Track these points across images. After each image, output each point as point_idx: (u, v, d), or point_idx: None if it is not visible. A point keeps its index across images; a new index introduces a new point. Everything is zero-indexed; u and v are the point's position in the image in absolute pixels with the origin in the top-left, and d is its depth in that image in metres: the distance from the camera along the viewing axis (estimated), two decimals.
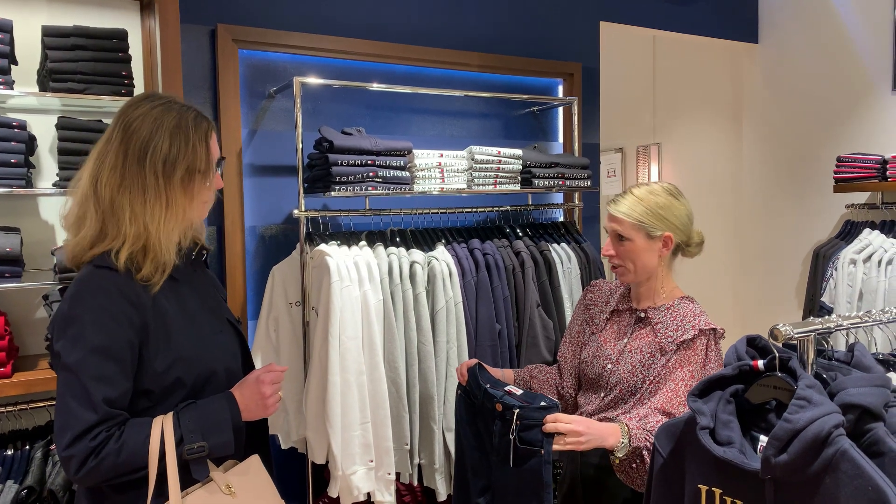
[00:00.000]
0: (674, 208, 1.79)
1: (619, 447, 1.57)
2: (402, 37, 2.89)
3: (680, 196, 1.82)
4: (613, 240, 1.82)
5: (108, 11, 2.29)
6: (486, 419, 1.72)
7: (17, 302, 2.18)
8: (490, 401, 1.70)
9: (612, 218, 1.81)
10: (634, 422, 1.63)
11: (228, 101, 2.54)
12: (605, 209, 1.86)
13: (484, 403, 1.73)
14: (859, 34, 3.49)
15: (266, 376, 1.44)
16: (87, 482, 1.28)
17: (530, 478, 1.59)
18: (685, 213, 1.81)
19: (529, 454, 1.60)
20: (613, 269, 1.84)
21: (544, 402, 1.61)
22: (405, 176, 2.52)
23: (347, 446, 2.15)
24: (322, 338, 2.17)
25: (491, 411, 1.69)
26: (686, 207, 1.82)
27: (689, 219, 1.82)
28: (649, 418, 1.63)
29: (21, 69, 2.09)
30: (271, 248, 2.67)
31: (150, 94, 1.44)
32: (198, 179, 1.40)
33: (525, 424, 1.60)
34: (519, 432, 1.60)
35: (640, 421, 1.63)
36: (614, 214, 1.80)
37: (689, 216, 1.82)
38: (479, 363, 1.84)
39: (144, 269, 1.34)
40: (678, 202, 1.80)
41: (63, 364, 1.27)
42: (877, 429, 1.08)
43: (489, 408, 1.70)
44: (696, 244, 1.84)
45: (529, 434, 1.59)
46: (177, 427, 1.31)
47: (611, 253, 1.82)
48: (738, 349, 1.27)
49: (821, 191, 3.67)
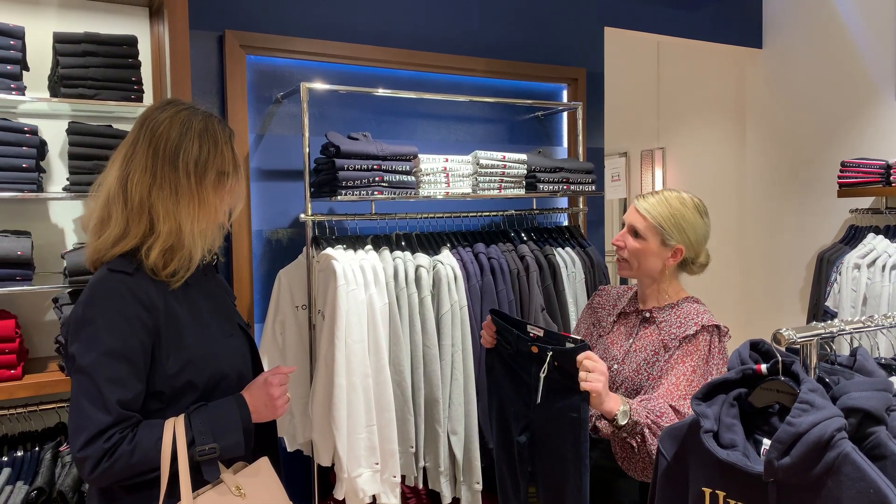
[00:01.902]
0: (696, 225, 1.81)
1: (620, 413, 1.58)
2: (407, 42, 2.92)
3: (705, 215, 1.85)
4: (629, 232, 1.84)
5: (117, 18, 2.32)
6: (524, 362, 1.74)
7: (28, 305, 2.20)
8: (524, 345, 1.71)
9: (635, 212, 1.83)
10: (635, 401, 1.65)
11: (236, 106, 2.56)
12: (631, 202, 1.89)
13: (519, 347, 1.74)
14: (863, 39, 3.51)
15: (274, 378, 1.46)
16: (100, 483, 1.30)
17: (568, 414, 1.62)
18: (704, 232, 1.83)
19: (567, 391, 1.61)
20: (618, 261, 1.86)
21: (570, 343, 1.63)
22: (411, 180, 2.54)
23: (353, 449, 2.17)
24: (328, 341, 2.19)
25: (527, 354, 1.71)
26: (706, 228, 1.84)
27: (705, 239, 1.85)
28: (651, 401, 1.65)
29: (32, 75, 2.11)
30: (278, 252, 2.69)
31: (172, 100, 1.48)
32: (226, 180, 1.45)
33: (561, 364, 1.62)
34: (555, 371, 1.63)
35: (640, 402, 1.65)
36: (639, 210, 1.82)
37: (705, 236, 1.85)
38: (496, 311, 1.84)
39: (172, 265, 1.37)
40: (701, 221, 1.83)
41: (77, 366, 1.29)
42: (879, 432, 1.09)
43: (525, 351, 1.72)
44: (701, 264, 1.87)
45: (566, 372, 1.61)
46: (188, 429, 1.33)
47: (621, 244, 1.84)
48: (741, 353, 1.29)
49: (825, 195, 3.68)
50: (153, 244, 1.36)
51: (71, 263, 1.99)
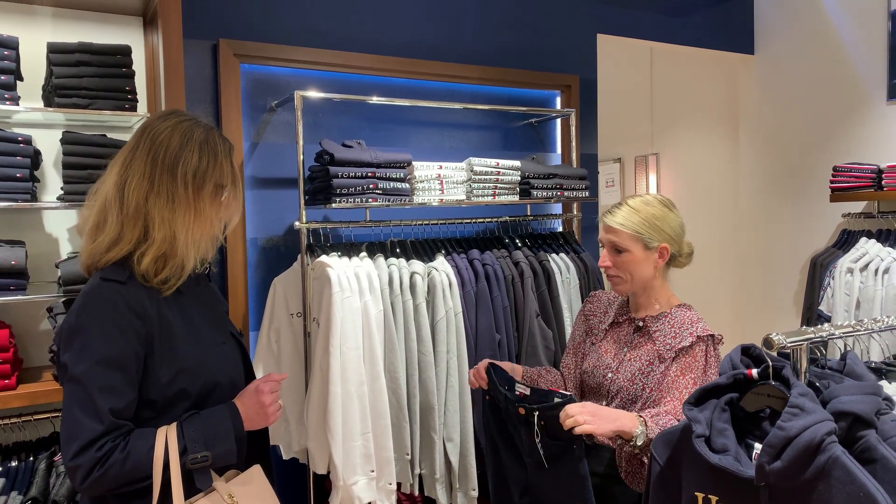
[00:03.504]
0: (669, 219, 1.82)
1: (638, 434, 1.55)
2: (401, 50, 2.93)
3: (673, 208, 1.86)
4: (610, 251, 1.83)
5: (111, 27, 2.33)
6: (515, 423, 1.73)
7: (22, 314, 2.20)
8: (512, 406, 1.71)
9: (609, 229, 1.83)
10: (648, 416, 1.63)
11: (230, 115, 2.57)
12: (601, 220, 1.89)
13: (508, 408, 1.74)
14: (854, 45, 3.53)
15: (265, 385, 1.46)
16: (92, 492, 1.30)
17: (568, 475, 1.61)
18: (679, 224, 1.85)
19: (561, 452, 1.61)
20: (609, 279, 1.86)
21: (558, 399, 1.61)
22: (405, 188, 2.54)
23: (348, 456, 2.17)
24: (323, 348, 2.19)
25: (515, 415, 1.70)
26: (679, 219, 1.86)
27: (682, 230, 1.86)
28: (661, 417, 1.63)
29: (26, 85, 2.12)
30: (273, 260, 2.70)
31: (175, 110, 1.49)
32: (223, 193, 1.46)
33: (548, 424, 1.61)
34: (545, 433, 1.62)
35: (653, 418, 1.63)
36: (611, 225, 1.82)
37: (681, 227, 1.86)
38: (491, 363, 1.83)
39: (163, 272, 1.38)
40: (672, 213, 1.84)
41: (70, 375, 1.29)
42: (868, 436, 1.10)
43: (514, 412, 1.71)
44: (686, 255, 1.88)
45: (554, 431, 1.60)
46: (180, 437, 1.33)
47: (607, 264, 1.84)
48: (732, 358, 1.30)
49: (817, 200, 3.70)
50: (146, 250, 1.36)
51: (65, 273, 1.99)
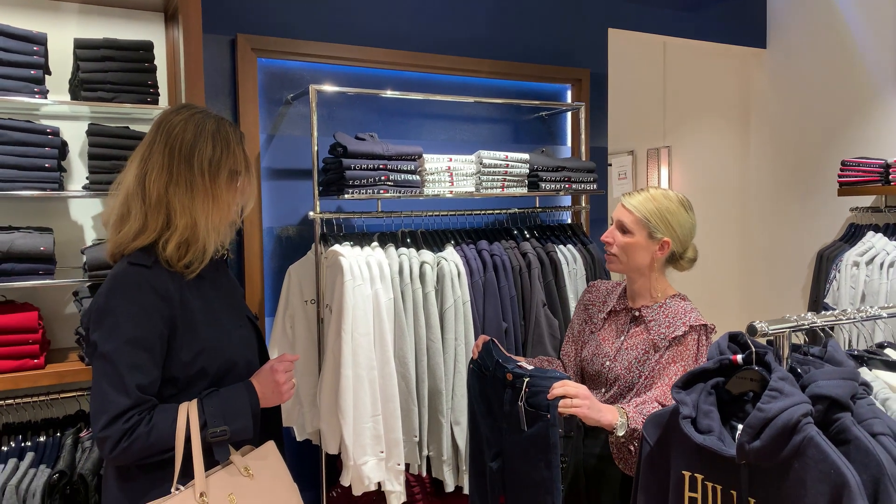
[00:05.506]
0: (681, 217, 1.87)
1: (619, 425, 1.64)
2: (414, 45, 2.99)
3: (690, 210, 1.90)
4: (617, 228, 1.90)
5: (134, 23, 2.42)
6: (497, 388, 1.81)
7: (49, 298, 2.30)
8: (501, 371, 1.79)
9: (622, 208, 1.90)
10: (632, 407, 1.71)
11: (247, 108, 2.66)
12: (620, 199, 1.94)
13: (495, 374, 1.81)
14: (865, 40, 3.54)
15: (279, 365, 1.56)
16: (119, 461, 1.39)
17: (539, 440, 1.68)
18: (690, 225, 1.89)
19: (537, 418, 1.68)
20: (607, 255, 1.93)
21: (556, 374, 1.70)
22: (416, 179, 2.61)
23: (359, 437, 2.25)
24: (335, 334, 2.27)
25: (501, 381, 1.78)
26: (692, 221, 1.90)
27: (691, 233, 1.90)
28: (646, 404, 1.71)
29: (54, 79, 2.21)
30: (288, 249, 2.78)
31: (187, 104, 1.58)
32: (238, 179, 1.55)
33: (533, 391, 1.69)
34: (528, 399, 1.70)
35: (636, 407, 1.71)
36: (626, 206, 1.88)
37: (691, 230, 1.90)
38: (493, 339, 1.91)
39: (187, 257, 1.47)
40: (686, 214, 1.88)
41: (99, 353, 1.38)
42: (843, 418, 1.16)
43: (500, 378, 1.79)
44: (689, 259, 1.92)
45: (537, 399, 1.68)
46: (201, 412, 1.42)
47: (609, 240, 1.91)
48: (720, 344, 1.36)
49: (826, 194, 3.72)
50: (170, 237, 1.45)
51: (90, 258, 2.09)
